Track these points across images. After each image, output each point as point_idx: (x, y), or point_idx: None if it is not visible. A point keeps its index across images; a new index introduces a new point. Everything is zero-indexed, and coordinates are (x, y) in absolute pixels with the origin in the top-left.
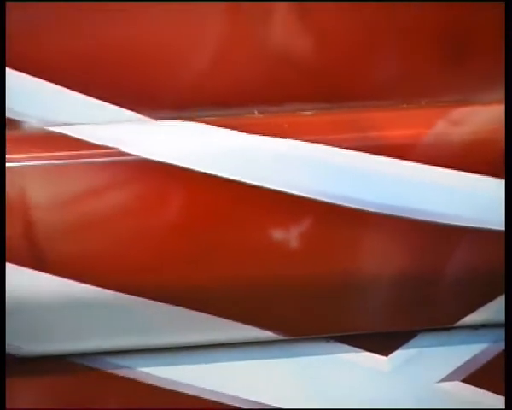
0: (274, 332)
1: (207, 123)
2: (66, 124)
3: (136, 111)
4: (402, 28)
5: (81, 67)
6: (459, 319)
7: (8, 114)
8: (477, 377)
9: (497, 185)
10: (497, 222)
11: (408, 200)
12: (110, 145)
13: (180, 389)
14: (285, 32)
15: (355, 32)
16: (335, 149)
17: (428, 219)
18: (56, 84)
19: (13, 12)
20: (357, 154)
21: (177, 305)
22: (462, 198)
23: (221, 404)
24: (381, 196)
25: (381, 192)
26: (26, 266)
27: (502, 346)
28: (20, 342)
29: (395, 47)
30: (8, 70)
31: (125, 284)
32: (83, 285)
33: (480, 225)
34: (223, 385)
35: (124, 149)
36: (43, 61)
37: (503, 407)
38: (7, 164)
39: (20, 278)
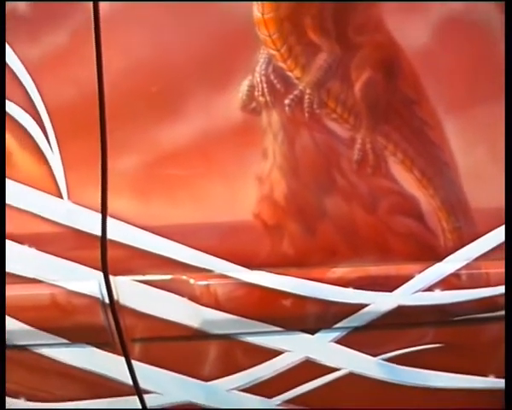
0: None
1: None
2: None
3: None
4: None
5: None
6: (331, 326)
7: None
8: (343, 342)
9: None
10: (350, 297)
11: (322, 294)
12: (238, 277)
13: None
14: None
15: None
16: (305, 280)
17: (327, 298)
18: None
19: None
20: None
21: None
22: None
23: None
24: (315, 293)
25: (315, 292)
26: (204, 305)
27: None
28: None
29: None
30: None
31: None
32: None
33: (346, 301)
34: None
35: (245, 279)
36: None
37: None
38: (199, 282)
39: (199, 310)
